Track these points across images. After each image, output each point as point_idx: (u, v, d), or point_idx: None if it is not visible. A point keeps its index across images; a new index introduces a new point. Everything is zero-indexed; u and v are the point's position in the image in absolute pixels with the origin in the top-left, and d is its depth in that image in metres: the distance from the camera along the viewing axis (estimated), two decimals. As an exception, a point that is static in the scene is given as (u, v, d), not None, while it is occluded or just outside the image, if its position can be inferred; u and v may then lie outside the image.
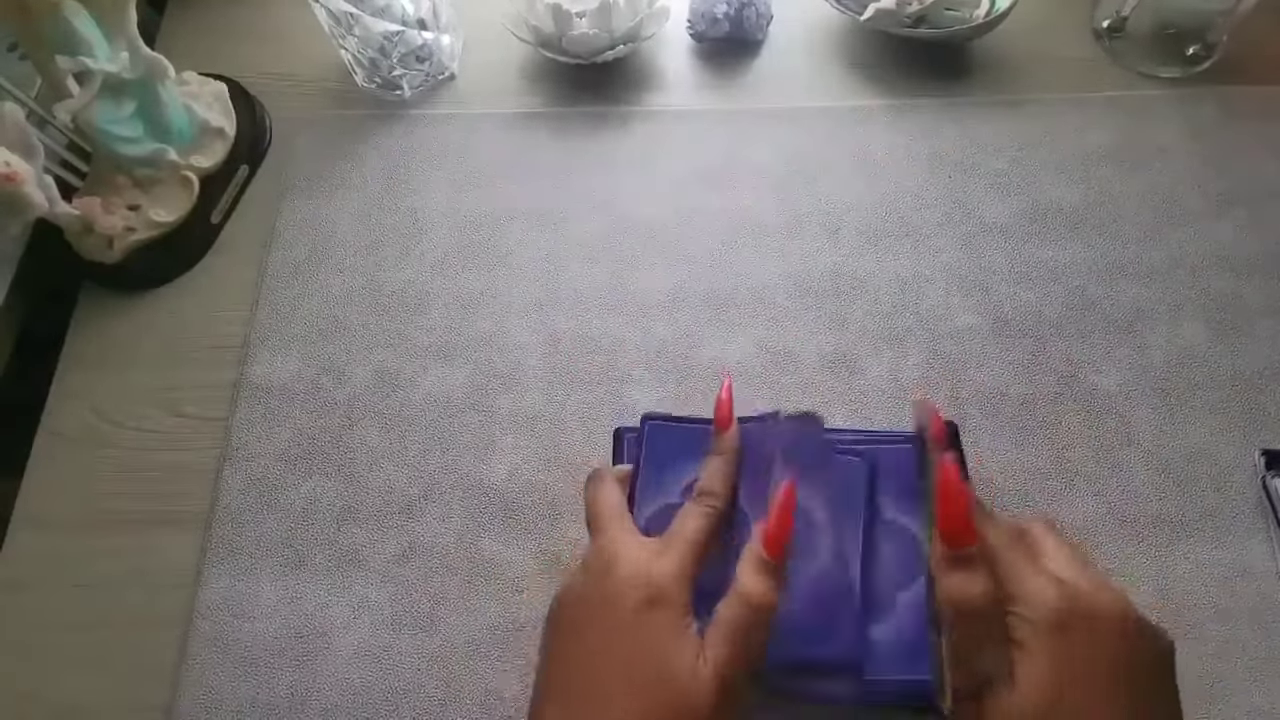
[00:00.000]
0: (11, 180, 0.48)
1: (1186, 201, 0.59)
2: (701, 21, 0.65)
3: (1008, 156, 0.62)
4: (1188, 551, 0.48)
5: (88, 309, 0.58)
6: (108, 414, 0.54)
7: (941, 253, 0.58)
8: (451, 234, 0.60)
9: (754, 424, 0.40)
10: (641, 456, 0.43)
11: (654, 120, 0.64)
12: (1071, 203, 0.60)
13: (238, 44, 0.68)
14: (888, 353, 0.54)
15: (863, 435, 0.49)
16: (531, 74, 0.67)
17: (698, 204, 0.60)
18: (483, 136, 0.64)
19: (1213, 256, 0.57)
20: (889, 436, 0.50)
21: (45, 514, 0.51)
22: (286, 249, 0.59)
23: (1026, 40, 0.66)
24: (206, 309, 0.58)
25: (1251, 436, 0.51)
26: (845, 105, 0.64)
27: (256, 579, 0.49)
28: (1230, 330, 0.55)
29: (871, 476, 0.43)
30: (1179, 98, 0.64)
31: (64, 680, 0.47)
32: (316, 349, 0.56)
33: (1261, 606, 0.47)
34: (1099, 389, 0.53)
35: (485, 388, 0.54)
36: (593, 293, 0.57)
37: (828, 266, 0.58)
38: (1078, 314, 0.56)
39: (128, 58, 0.54)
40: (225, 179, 0.61)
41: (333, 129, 0.64)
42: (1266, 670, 0.45)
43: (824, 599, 0.39)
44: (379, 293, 0.58)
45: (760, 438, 0.39)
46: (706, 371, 0.54)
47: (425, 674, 0.46)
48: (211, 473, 0.52)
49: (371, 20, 0.60)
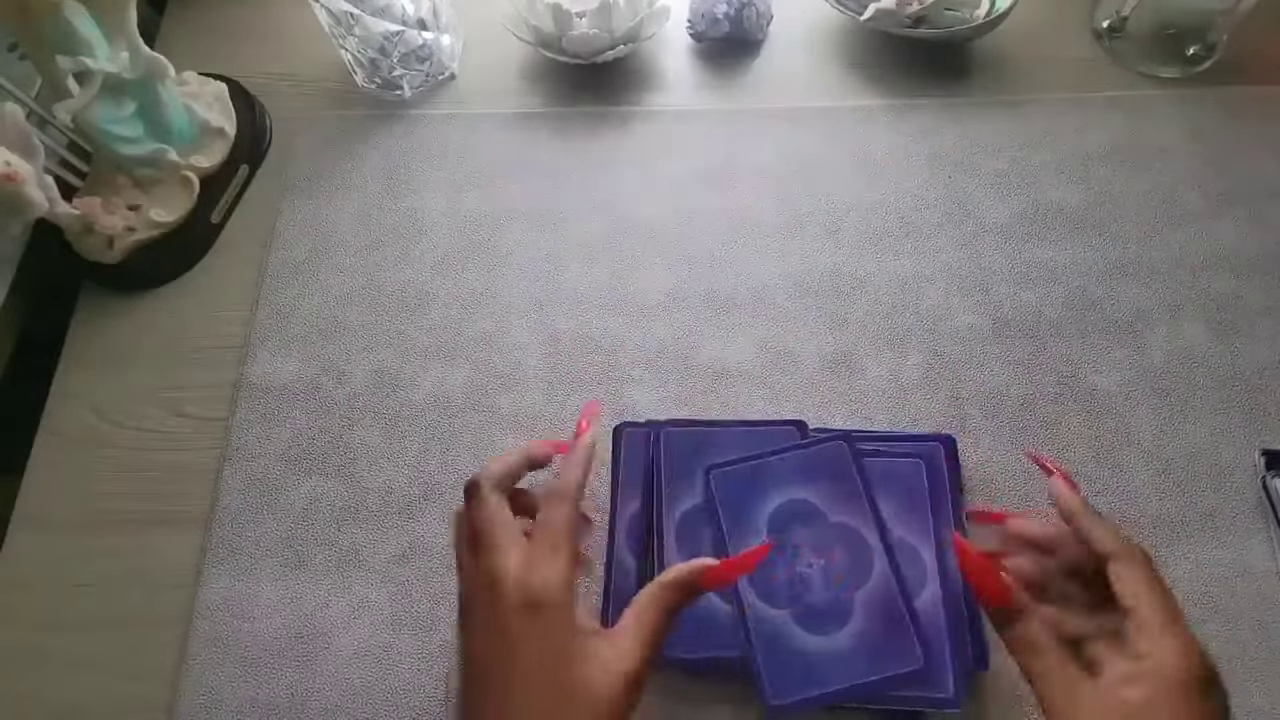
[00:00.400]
0: (12, 180, 0.48)
1: (1187, 202, 0.59)
2: (701, 21, 0.65)
3: (1008, 157, 0.62)
4: (1188, 551, 0.48)
5: (88, 309, 0.58)
6: (108, 414, 0.54)
7: (941, 253, 0.58)
8: (452, 234, 0.60)
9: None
10: (662, 461, 0.47)
11: (654, 120, 0.64)
12: (1072, 203, 0.60)
13: (238, 44, 0.68)
14: (888, 353, 0.54)
15: (867, 436, 0.50)
16: (531, 74, 0.67)
17: (697, 204, 0.60)
18: (483, 136, 0.64)
19: (1213, 256, 0.57)
20: (886, 436, 0.51)
21: (45, 514, 0.51)
22: (286, 249, 0.59)
23: (1026, 40, 0.66)
24: (207, 309, 0.58)
25: (1252, 437, 0.51)
26: (845, 105, 0.64)
27: (256, 579, 0.49)
28: (1230, 330, 0.55)
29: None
30: (1179, 98, 0.64)
31: (64, 680, 0.47)
32: (316, 349, 0.56)
33: (1261, 606, 0.47)
34: (1099, 389, 0.53)
35: (485, 388, 0.54)
36: (593, 293, 0.57)
37: (827, 266, 0.58)
38: (1078, 314, 0.56)
39: (128, 58, 0.54)
40: (225, 179, 0.61)
41: (333, 129, 0.64)
42: (1266, 670, 0.45)
43: (882, 616, 0.43)
44: (379, 293, 0.58)
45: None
46: (706, 372, 0.54)
47: (425, 674, 0.46)
48: (211, 473, 0.52)
49: (372, 20, 0.60)
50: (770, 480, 0.45)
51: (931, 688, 0.41)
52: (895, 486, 0.46)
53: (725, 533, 0.44)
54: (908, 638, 0.42)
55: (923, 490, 0.46)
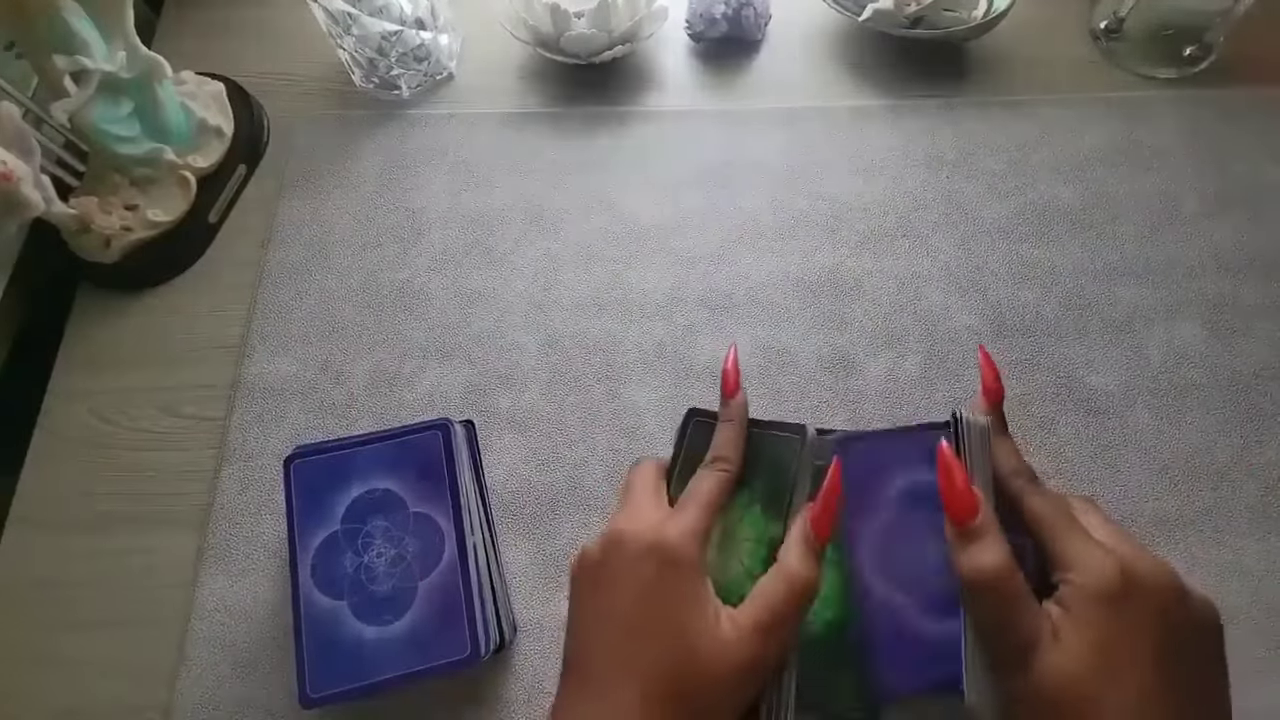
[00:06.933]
0: (8, 180, 0.48)
1: (1183, 202, 0.60)
2: (700, 22, 0.65)
3: (1005, 157, 0.62)
4: (1185, 551, 0.49)
5: (85, 309, 0.58)
6: (105, 414, 0.54)
7: (939, 253, 0.58)
8: (450, 234, 0.60)
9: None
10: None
11: (652, 120, 0.64)
12: (1069, 203, 0.60)
13: (235, 43, 0.68)
14: (886, 353, 0.55)
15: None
16: (530, 74, 0.67)
17: (696, 204, 0.60)
18: (481, 136, 0.64)
19: (1210, 257, 0.57)
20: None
21: (42, 514, 0.51)
22: (284, 249, 0.59)
23: (1024, 41, 0.66)
24: (204, 309, 0.58)
25: (1249, 437, 0.52)
26: (843, 105, 0.64)
27: (254, 580, 0.49)
28: (1227, 331, 0.55)
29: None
30: (1176, 98, 0.64)
31: (60, 681, 0.47)
32: (314, 349, 0.56)
33: (1258, 606, 0.47)
34: (1096, 389, 0.53)
35: (484, 387, 0.54)
36: (591, 292, 0.57)
37: (826, 267, 0.58)
38: (1075, 314, 0.56)
39: (125, 57, 0.54)
40: (223, 179, 0.61)
41: (331, 128, 0.64)
42: (1265, 670, 0.46)
43: (441, 605, 0.43)
44: (377, 292, 0.58)
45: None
46: (705, 371, 0.54)
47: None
48: (209, 473, 0.52)
49: (369, 20, 0.60)
50: (353, 471, 0.45)
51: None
52: (413, 459, 0.46)
53: (296, 527, 0.44)
54: (461, 627, 0.42)
55: (440, 464, 0.46)
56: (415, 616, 0.43)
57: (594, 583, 0.34)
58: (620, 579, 0.32)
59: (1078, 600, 0.30)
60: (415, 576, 0.43)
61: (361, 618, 0.43)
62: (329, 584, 0.43)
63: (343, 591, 0.43)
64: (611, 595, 0.32)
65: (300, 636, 0.42)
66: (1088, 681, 0.28)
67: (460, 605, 0.43)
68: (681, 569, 0.32)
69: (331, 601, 0.43)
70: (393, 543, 0.44)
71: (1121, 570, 0.30)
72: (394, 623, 0.42)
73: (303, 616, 0.43)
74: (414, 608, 0.43)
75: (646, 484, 0.37)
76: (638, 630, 0.31)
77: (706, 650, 0.30)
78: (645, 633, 0.31)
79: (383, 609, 0.43)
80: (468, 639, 0.42)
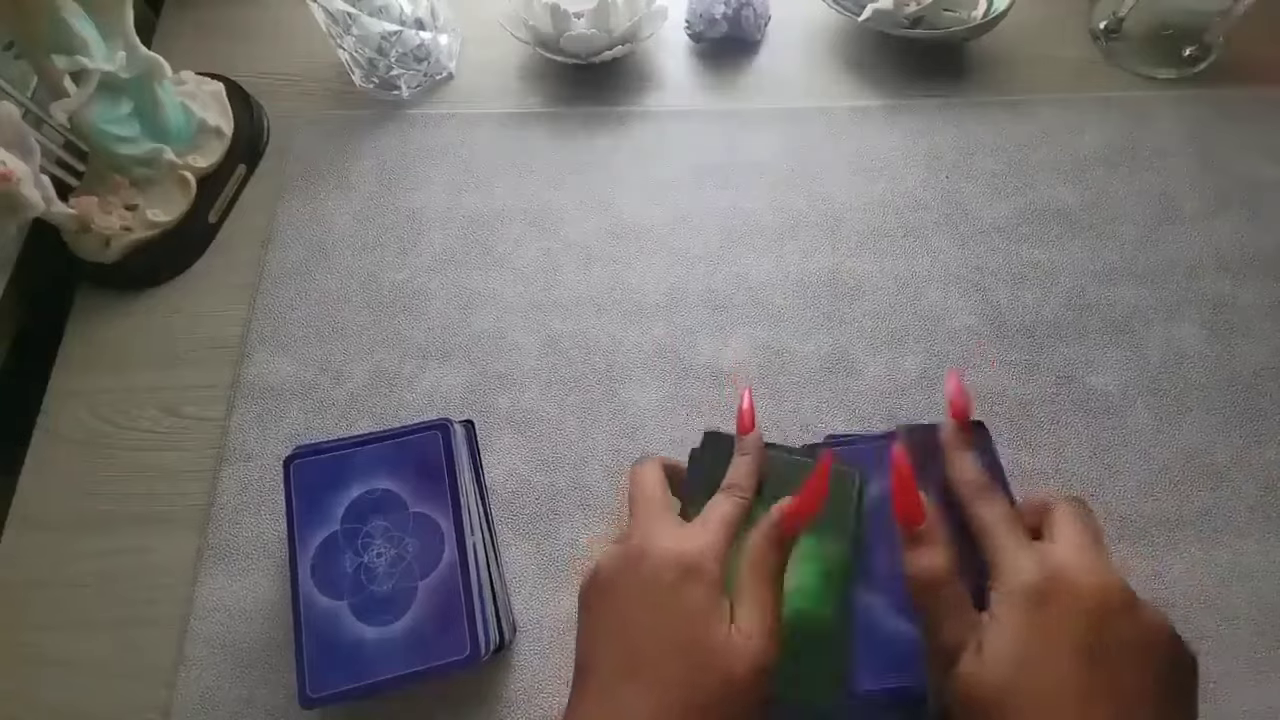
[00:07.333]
0: (8, 180, 0.48)
1: (1183, 202, 0.60)
2: (699, 22, 0.65)
3: (1005, 157, 0.62)
4: (1184, 551, 0.49)
5: (85, 309, 0.58)
6: (104, 414, 0.54)
7: (939, 253, 0.58)
8: (449, 234, 0.60)
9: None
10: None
11: (651, 120, 0.64)
12: (1068, 203, 0.60)
13: (235, 43, 0.68)
14: (885, 353, 0.55)
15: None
16: (529, 74, 0.67)
17: (695, 204, 0.60)
18: (481, 136, 0.64)
19: (1209, 257, 0.57)
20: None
21: (42, 514, 0.51)
22: (284, 249, 0.59)
23: (1024, 41, 0.66)
24: (204, 309, 0.58)
25: (1248, 437, 0.52)
26: (842, 105, 0.64)
27: (254, 579, 0.49)
28: (1226, 331, 0.55)
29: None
30: (1176, 99, 0.64)
31: (60, 681, 0.47)
32: (314, 349, 0.56)
33: (1258, 606, 0.47)
34: (1096, 389, 0.53)
35: (483, 388, 0.54)
36: (590, 293, 0.57)
37: (825, 267, 0.58)
38: (1075, 315, 0.56)
39: (124, 57, 0.54)
40: (222, 179, 0.61)
41: (330, 128, 0.64)
42: (1264, 670, 0.46)
43: (442, 606, 0.43)
44: (377, 292, 0.58)
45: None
46: (704, 371, 0.54)
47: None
48: (209, 473, 0.52)
49: (369, 20, 0.60)
50: (353, 471, 0.45)
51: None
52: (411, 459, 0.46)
53: (296, 527, 0.44)
54: (460, 627, 0.42)
55: (440, 464, 0.46)
56: (415, 616, 0.43)
57: (611, 593, 0.34)
58: (641, 591, 0.33)
59: (1001, 605, 0.31)
60: (415, 576, 0.43)
61: (361, 618, 0.43)
62: (329, 584, 0.43)
63: (343, 591, 0.43)
64: (630, 606, 0.33)
65: (300, 636, 0.42)
66: (1001, 687, 0.29)
67: (460, 605, 0.43)
68: (704, 584, 0.32)
69: (331, 601, 0.43)
70: (392, 543, 0.44)
71: (1048, 573, 0.30)
72: (394, 623, 0.42)
73: (303, 616, 0.43)
74: (414, 608, 0.43)
75: (656, 495, 0.37)
76: (657, 642, 0.31)
77: (726, 663, 0.31)
78: (665, 645, 0.31)
79: (383, 609, 0.43)
80: (467, 639, 0.42)
